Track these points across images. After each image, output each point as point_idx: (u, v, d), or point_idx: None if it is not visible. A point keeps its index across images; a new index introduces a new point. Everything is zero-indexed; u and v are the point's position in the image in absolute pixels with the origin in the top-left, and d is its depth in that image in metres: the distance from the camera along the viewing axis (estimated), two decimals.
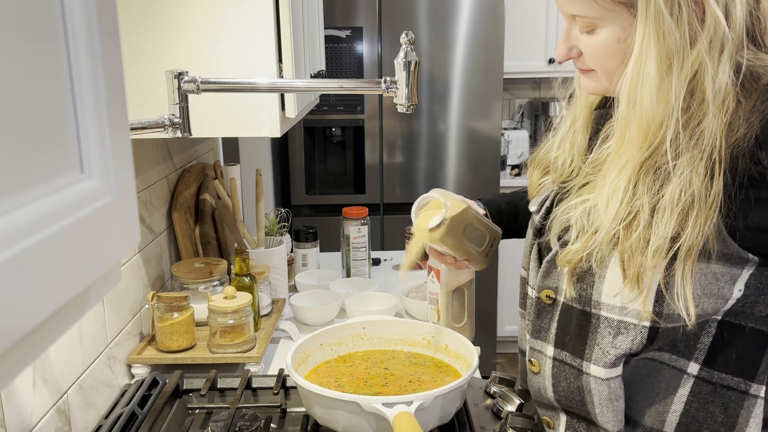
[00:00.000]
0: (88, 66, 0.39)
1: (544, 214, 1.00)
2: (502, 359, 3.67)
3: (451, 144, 3.16)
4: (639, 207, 0.80)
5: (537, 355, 0.97)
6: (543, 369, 0.96)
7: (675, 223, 0.77)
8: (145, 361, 1.40)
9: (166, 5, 1.17)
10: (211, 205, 1.81)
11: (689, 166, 0.77)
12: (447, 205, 1.09)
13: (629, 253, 0.81)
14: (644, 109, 0.80)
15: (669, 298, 0.81)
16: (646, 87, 0.80)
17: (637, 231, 0.80)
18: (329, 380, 1.17)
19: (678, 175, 0.78)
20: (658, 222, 0.78)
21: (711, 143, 0.77)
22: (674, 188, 0.78)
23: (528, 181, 1.09)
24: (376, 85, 1.08)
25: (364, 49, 3.04)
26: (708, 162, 0.77)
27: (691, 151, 0.78)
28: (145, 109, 1.15)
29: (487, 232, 1.16)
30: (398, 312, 1.74)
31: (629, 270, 0.81)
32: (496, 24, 3.04)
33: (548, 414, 0.99)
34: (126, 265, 1.40)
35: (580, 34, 0.87)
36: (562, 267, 0.91)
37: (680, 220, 0.77)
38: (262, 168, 2.20)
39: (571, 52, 0.89)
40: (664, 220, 0.78)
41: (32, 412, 1.01)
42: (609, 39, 0.84)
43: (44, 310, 0.34)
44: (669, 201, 0.78)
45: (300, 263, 1.99)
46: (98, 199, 0.40)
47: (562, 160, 0.98)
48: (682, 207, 0.77)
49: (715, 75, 0.77)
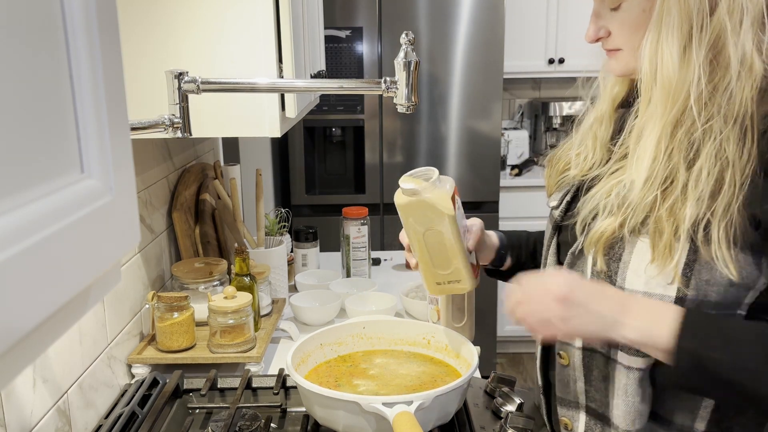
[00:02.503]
0: (88, 66, 0.39)
1: (564, 208, 1.00)
2: (502, 359, 3.67)
3: (451, 144, 3.16)
4: (676, 171, 0.81)
5: (565, 347, 0.96)
6: (572, 360, 0.95)
7: (713, 182, 0.78)
8: (145, 361, 1.40)
9: (166, 5, 1.17)
10: (211, 205, 1.81)
11: (721, 130, 0.79)
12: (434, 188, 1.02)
13: (666, 216, 0.81)
14: (667, 72, 0.82)
15: (707, 255, 0.79)
16: (667, 51, 0.82)
17: (674, 194, 0.81)
18: (329, 380, 1.17)
19: (711, 139, 0.79)
20: (696, 182, 0.79)
21: (741, 109, 0.78)
22: (708, 151, 0.79)
23: (545, 180, 1.10)
24: (376, 85, 1.08)
25: (364, 49, 3.04)
26: (741, 127, 0.78)
27: (722, 115, 0.79)
28: (145, 109, 1.15)
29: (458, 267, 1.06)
30: (398, 312, 1.74)
31: (663, 237, 0.81)
32: (496, 24, 3.04)
33: (568, 414, 0.98)
34: (126, 265, 1.40)
35: (609, 12, 0.90)
36: (590, 248, 0.90)
37: (717, 180, 0.78)
38: (262, 168, 2.20)
39: (600, 31, 0.92)
40: (702, 181, 0.79)
41: (32, 412, 1.01)
42: (635, 9, 0.87)
43: (44, 310, 0.34)
44: (705, 161, 0.79)
45: (300, 263, 1.99)
46: (98, 199, 0.40)
47: (584, 155, 0.99)
48: (719, 168, 0.78)
49: (737, 41, 0.79)
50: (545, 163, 1.11)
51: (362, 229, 1.93)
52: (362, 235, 1.93)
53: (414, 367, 1.23)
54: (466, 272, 1.08)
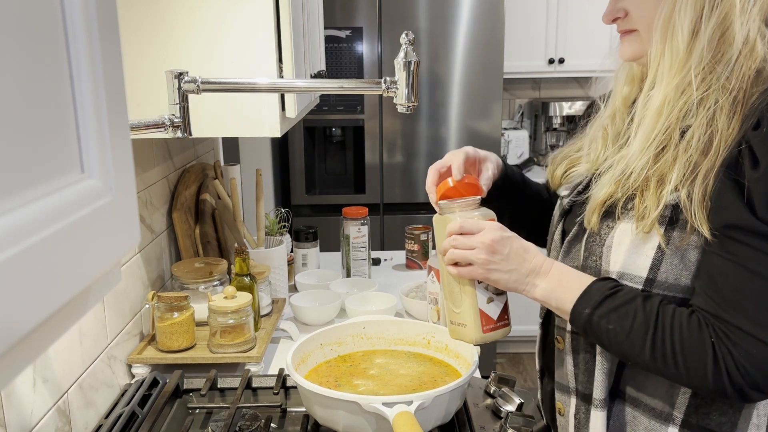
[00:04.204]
0: (88, 66, 0.39)
1: (575, 195, 1.02)
2: (502, 359, 3.67)
3: (451, 144, 3.16)
4: (670, 137, 0.87)
5: (561, 332, 1.01)
6: (566, 345, 1.00)
7: (702, 148, 0.83)
8: (146, 361, 1.40)
9: (166, 5, 1.18)
10: (211, 205, 1.81)
11: (717, 99, 0.84)
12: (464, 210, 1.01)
13: (655, 176, 0.86)
14: (676, 44, 0.87)
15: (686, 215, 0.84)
16: (679, 24, 0.86)
17: (665, 156, 0.86)
18: (329, 380, 1.17)
19: (706, 108, 0.84)
20: (687, 146, 0.84)
21: (737, 84, 0.83)
22: (702, 119, 0.84)
23: (548, 176, 1.12)
24: (376, 85, 1.08)
25: (364, 49, 3.04)
26: (734, 100, 0.83)
27: (720, 86, 0.84)
28: (145, 109, 1.15)
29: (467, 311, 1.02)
30: (398, 312, 1.74)
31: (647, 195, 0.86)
32: (496, 24, 3.04)
33: (562, 399, 1.02)
34: (126, 265, 1.40)
35: None
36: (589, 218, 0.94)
37: (706, 145, 0.83)
38: (262, 168, 2.20)
39: (618, 12, 0.95)
40: (692, 146, 0.84)
41: (32, 411, 1.01)
42: None
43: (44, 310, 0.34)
44: (697, 128, 0.84)
45: (300, 263, 1.99)
46: (98, 199, 0.40)
47: (595, 154, 1.01)
48: (709, 135, 0.83)
49: (744, 21, 0.84)
50: (550, 160, 1.12)
51: (362, 229, 1.93)
52: (362, 235, 1.93)
53: (414, 367, 1.23)
54: (473, 319, 1.02)
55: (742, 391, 0.81)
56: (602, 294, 0.89)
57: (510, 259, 0.95)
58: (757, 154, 0.78)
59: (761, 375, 0.79)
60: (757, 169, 0.78)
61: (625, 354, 0.88)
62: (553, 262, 0.95)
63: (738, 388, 0.81)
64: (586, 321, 0.89)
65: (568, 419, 1.00)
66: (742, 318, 0.79)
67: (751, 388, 0.80)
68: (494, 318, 1.02)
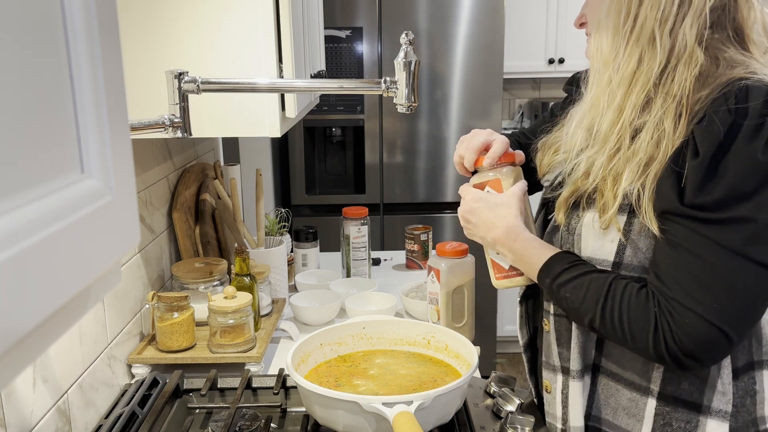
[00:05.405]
0: (88, 66, 0.39)
1: (550, 191, 1.10)
2: (502, 359, 3.67)
3: (451, 144, 3.16)
4: (623, 139, 0.94)
5: (547, 315, 1.08)
6: (551, 327, 1.07)
7: (650, 151, 0.91)
8: (146, 361, 1.40)
9: (166, 5, 1.18)
10: (211, 205, 1.81)
11: (662, 106, 0.91)
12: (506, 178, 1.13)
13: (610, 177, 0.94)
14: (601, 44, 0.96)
15: (637, 209, 0.93)
16: (604, 26, 0.95)
17: (617, 157, 0.94)
18: (329, 380, 1.17)
19: (653, 113, 0.91)
20: (636, 150, 0.92)
21: (680, 90, 0.90)
22: (650, 124, 0.91)
23: (538, 163, 1.17)
24: (376, 85, 1.08)
25: (364, 49, 3.04)
26: (677, 105, 0.90)
27: (665, 93, 0.91)
28: (145, 109, 1.15)
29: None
30: (398, 312, 1.74)
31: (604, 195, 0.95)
32: (496, 24, 3.04)
33: (549, 377, 1.09)
34: (126, 265, 1.40)
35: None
36: (558, 213, 1.03)
37: (654, 148, 0.91)
38: (262, 168, 2.20)
39: (582, 17, 1.04)
40: (641, 149, 0.92)
41: (32, 411, 1.01)
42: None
43: (44, 310, 0.34)
44: (646, 133, 0.91)
45: (300, 263, 1.99)
46: (98, 199, 0.40)
47: (574, 140, 1.06)
48: (656, 139, 0.90)
49: (681, 27, 0.90)
50: (539, 145, 1.18)
51: (362, 229, 1.93)
52: (362, 235, 1.93)
53: (414, 367, 1.23)
54: (489, 268, 1.17)
55: (677, 357, 0.88)
56: (561, 267, 0.99)
57: (479, 227, 1.11)
58: (698, 144, 0.86)
59: (694, 344, 0.87)
60: (696, 158, 0.86)
61: (581, 319, 0.98)
62: (518, 234, 1.06)
63: (673, 356, 0.88)
64: (548, 289, 1.02)
65: (555, 395, 1.07)
66: (679, 292, 0.88)
67: (684, 355, 0.88)
68: (505, 267, 1.14)
